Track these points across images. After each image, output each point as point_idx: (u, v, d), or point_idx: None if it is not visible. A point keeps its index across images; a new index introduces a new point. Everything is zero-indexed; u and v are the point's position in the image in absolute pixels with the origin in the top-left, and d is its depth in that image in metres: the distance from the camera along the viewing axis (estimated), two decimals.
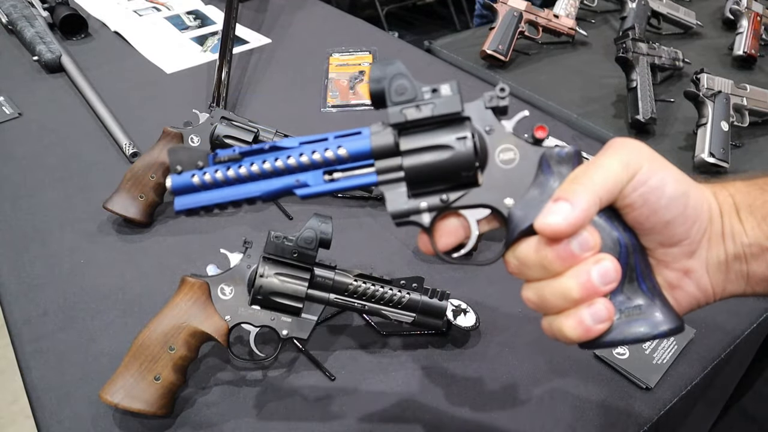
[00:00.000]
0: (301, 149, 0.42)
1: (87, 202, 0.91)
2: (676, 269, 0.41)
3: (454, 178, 0.41)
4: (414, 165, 0.41)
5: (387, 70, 0.40)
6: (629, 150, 0.39)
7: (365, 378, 0.68)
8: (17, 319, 0.74)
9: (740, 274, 0.41)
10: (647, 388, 0.66)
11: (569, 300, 0.38)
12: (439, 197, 0.41)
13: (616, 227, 0.39)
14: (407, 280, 0.66)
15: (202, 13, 1.54)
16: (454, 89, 0.40)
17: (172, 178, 0.42)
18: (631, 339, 0.39)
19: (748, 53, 1.36)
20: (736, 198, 0.41)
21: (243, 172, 0.42)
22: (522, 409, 0.65)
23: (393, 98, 0.40)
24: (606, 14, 1.61)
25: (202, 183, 0.42)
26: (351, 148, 0.41)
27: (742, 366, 0.84)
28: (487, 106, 0.41)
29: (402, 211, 0.42)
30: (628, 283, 0.39)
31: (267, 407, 0.65)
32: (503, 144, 0.41)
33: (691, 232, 0.39)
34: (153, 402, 0.60)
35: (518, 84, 1.28)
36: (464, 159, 0.40)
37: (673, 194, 0.38)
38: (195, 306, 0.63)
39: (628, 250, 0.39)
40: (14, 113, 1.12)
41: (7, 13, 1.38)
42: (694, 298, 0.42)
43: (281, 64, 1.33)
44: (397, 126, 0.41)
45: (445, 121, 0.41)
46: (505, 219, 0.41)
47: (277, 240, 0.63)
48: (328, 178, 0.42)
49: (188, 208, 0.43)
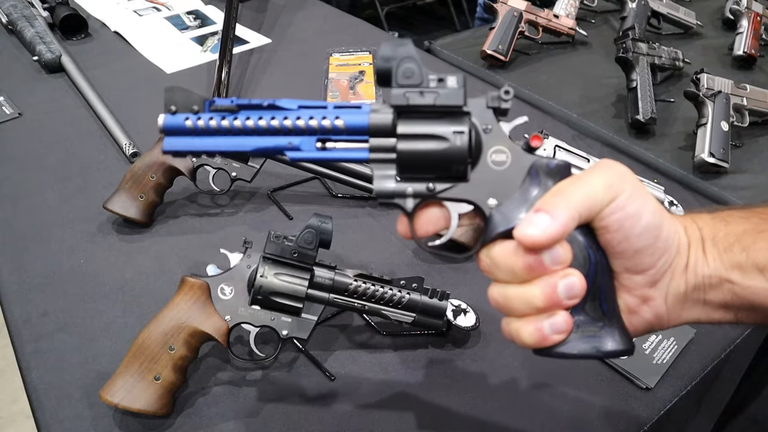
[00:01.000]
0: (299, 113, 0.42)
1: (87, 202, 0.91)
2: (637, 296, 0.42)
3: (444, 170, 0.41)
4: (407, 150, 0.41)
5: (398, 51, 0.40)
6: (614, 173, 0.40)
7: (365, 378, 0.68)
8: (17, 319, 0.74)
9: (697, 301, 0.42)
10: (647, 388, 0.66)
11: (532, 307, 0.39)
12: (426, 185, 0.41)
13: (589, 245, 0.40)
14: (407, 280, 0.66)
15: (202, 13, 1.54)
16: (460, 82, 0.40)
17: (165, 117, 0.42)
18: (582, 354, 0.40)
19: (748, 53, 1.36)
20: (704, 231, 0.42)
21: (237, 124, 0.41)
22: (522, 409, 0.65)
23: (399, 80, 0.40)
24: (606, 14, 1.61)
25: (195, 128, 0.41)
26: (349, 120, 0.41)
27: (742, 366, 0.84)
28: (489, 106, 0.41)
29: (388, 191, 0.42)
30: (591, 301, 0.40)
31: (267, 407, 0.65)
32: (497, 145, 0.41)
33: (657, 263, 0.40)
34: (153, 402, 0.60)
35: (518, 84, 1.28)
36: (457, 153, 0.40)
37: (648, 224, 0.39)
38: (195, 306, 0.63)
39: (597, 269, 0.40)
40: (14, 113, 1.12)
41: (7, 13, 1.38)
42: (648, 324, 0.43)
43: (281, 64, 1.33)
44: (398, 108, 0.41)
45: (446, 112, 0.41)
46: (486, 218, 0.41)
47: (277, 240, 0.63)
48: (321, 146, 0.42)
49: (176, 149, 0.42)
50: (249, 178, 0.88)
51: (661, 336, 0.71)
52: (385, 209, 0.92)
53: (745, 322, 0.43)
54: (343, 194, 0.94)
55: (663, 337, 0.71)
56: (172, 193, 0.89)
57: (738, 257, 0.41)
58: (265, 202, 0.93)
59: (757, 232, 0.41)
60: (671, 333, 0.71)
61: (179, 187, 0.90)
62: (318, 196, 0.94)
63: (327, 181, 0.95)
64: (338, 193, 0.94)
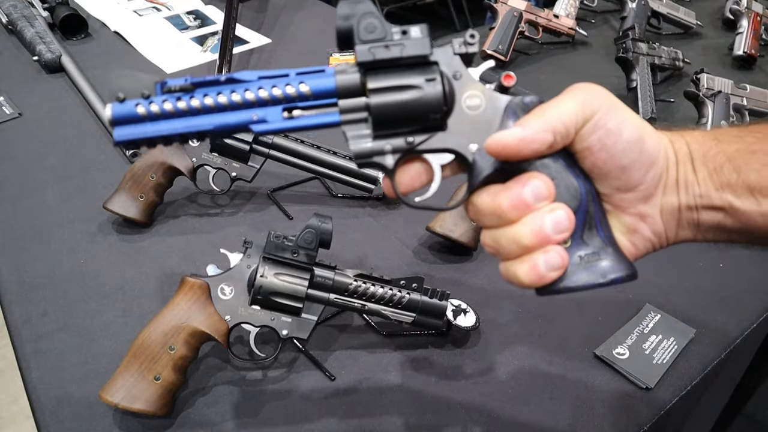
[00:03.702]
0: (260, 83, 0.39)
1: (87, 202, 0.91)
2: (633, 214, 0.42)
3: (420, 120, 0.40)
4: (381, 103, 0.39)
5: (356, 8, 0.39)
6: (588, 92, 0.40)
7: (365, 378, 0.68)
8: (17, 319, 0.74)
9: (691, 222, 0.42)
10: (647, 388, 0.66)
11: (522, 247, 0.39)
12: (404, 139, 0.40)
13: (577, 174, 0.40)
14: (407, 280, 0.66)
15: (202, 13, 1.54)
16: (424, 32, 0.40)
17: (112, 106, 0.38)
18: (587, 285, 0.39)
19: (748, 53, 1.36)
20: (692, 147, 0.42)
21: (195, 104, 0.39)
22: (522, 409, 0.65)
23: (362, 36, 0.39)
24: (606, 14, 1.61)
25: (148, 113, 0.38)
26: (314, 85, 0.39)
27: (742, 366, 0.84)
28: (455, 52, 0.41)
29: (366, 150, 0.40)
30: (587, 230, 0.40)
31: (267, 407, 0.65)
32: (470, 90, 0.41)
33: (646, 177, 0.40)
34: (153, 402, 0.60)
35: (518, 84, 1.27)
36: (433, 100, 0.40)
37: (630, 138, 0.39)
38: (195, 306, 0.63)
39: (588, 197, 0.40)
40: (14, 113, 1.12)
41: (7, 13, 1.38)
42: (649, 242, 0.43)
43: (281, 64, 1.33)
44: (364, 65, 0.39)
45: (413, 63, 0.40)
46: (469, 165, 0.41)
47: (277, 240, 0.63)
48: (287, 116, 0.40)
49: (129, 139, 0.39)
50: (249, 178, 0.88)
51: (661, 336, 0.71)
52: (386, 209, 0.92)
53: (738, 242, 0.43)
54: (343, 194, 0.94)
55: (663, 337, 0.71)
56: (172, 193, 0.89)
57: (729, 177, 0.40)
58: (265, 202, 0.93)
59: (750, 152, 0.40)
60: (671, 333, 0.72)
61: (179, 187, 0.90)
62: (318, 196, 0.94)
63: (327, 181, 0.95)
64: (338, 193, 0.94)
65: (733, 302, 0.77)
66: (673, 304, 0.76)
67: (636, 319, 0.73)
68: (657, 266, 0.73)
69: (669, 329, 0.72)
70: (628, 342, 0.71)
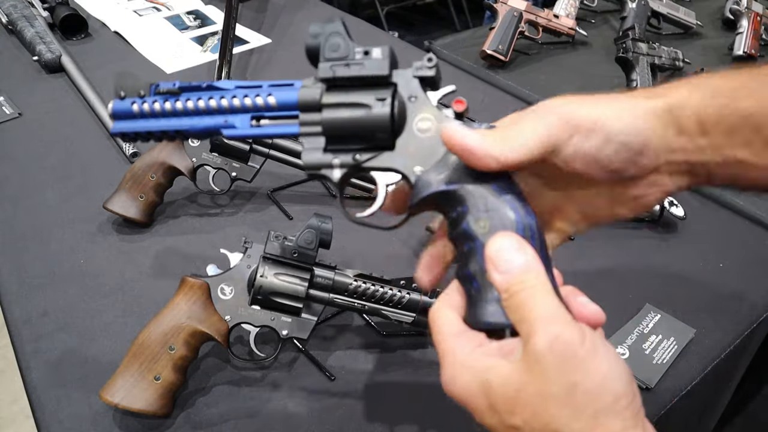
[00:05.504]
0: (235, 92, 0.44)
1: (87, 202, 0.91)
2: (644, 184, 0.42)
3: (368, 138, 0.42)
4: (330, 118, 0.42)
5: (326, 28, 0.42)
6: (551, 121, 0.40)
7: (365, 378, 0.68)
8: (17, 319, 0.74)
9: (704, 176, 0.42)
10: (647, 388, 0.66)
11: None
12: (352, 155, 0.42)
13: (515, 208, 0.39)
14: (407, 280, 0.66)
15: (202, 13, 1.54)
16: (385, 54, 0.41)
17: (114, 103, 0.45)
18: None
19: (748, 53, 1.37)
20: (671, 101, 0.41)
21: (179, 106, 0.44)
22: None
23: (326, 54, 0.42)
24: (606, 14, 1.61)
25: (141, 111, 0.45)
26: (280, 98, 0.43)
27: (742, 366, 0.84)
28: (414, 75, 0.42)
29: (314, 163, 0.43)
30: None
31: (267, 407, 0.65)
32: (423, 113, 0.41)
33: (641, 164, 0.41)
34: (153, 402, 0.60)
35: (518, 84, 1.28)
36: (379, 120, 0.41)
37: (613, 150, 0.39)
38: (195, 306, 0.63)
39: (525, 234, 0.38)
40: (14, 113, 1.12)
41: (7, 13, 1.38)
42: (675, 185, 0.43)
43: (281, 64, 1.33)
44: (326, 81, 0.42)
45: (372, 83, 0.41)
46: (411, 185, 0.42)
47: (277, 240, 0.63)
48: (255, 124, 0.44)
49: (123, 132, 0.46)
50: (249, 178, 0.88)
51: (661, 336, 0.71)
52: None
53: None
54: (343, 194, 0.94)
55: (663, 337, 0.71)
56: (172, 193, 0.89)
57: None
58: (265, 202, 0.93)
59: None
60: (671, 333, 0.72)
61: (179, 187, 0.90)
62: (318, 196, 0.94)
63: (327, 182, 0.95)
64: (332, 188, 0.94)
65: (733, 302, 0.77)
66: (673, 304, 0.76)
67: (636, 319, 0.73)
68: (657, 266, 0.73)
69: (669, 329, 0.72)
70: (628, 342, 0.71)
